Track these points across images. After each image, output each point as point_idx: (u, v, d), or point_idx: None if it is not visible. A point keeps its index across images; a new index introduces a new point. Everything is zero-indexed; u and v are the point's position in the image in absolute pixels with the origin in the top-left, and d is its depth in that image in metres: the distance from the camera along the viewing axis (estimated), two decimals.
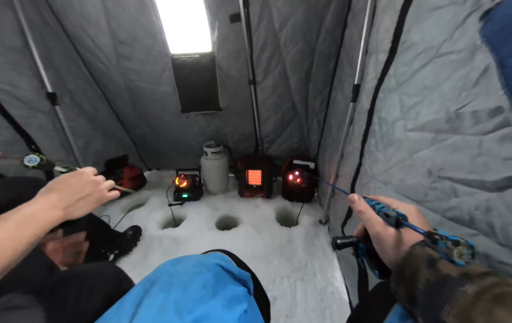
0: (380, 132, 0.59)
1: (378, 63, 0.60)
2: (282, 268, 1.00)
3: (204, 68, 1.25)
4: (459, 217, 0.35)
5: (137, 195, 1.63)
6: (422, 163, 0.43)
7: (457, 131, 0.35)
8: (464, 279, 0.20)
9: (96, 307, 0.42)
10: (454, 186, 0.35)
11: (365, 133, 0.69)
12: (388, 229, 0.30)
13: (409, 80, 0.47)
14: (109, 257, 1.08)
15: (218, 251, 0.49)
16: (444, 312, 0.20)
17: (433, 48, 0.40)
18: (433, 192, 0.40)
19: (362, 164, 0.73)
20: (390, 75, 0.55)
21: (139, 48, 1.18)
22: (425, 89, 0.42)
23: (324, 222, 1.25)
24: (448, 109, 0.36)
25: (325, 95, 1.26)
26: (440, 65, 0.38)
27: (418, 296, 0.23)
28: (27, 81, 1.04)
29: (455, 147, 0.35)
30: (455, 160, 0.35)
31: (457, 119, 0.35)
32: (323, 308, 0.85)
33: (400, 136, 0.49)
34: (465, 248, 0.22)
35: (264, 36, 1.09)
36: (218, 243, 1.16)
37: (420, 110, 0.43)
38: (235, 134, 1.57)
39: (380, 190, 0.60)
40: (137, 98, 1.43)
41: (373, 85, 0.63)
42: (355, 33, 0.86)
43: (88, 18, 1.09)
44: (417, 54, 0.44)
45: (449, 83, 0.36)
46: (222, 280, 0.37)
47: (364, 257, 0.36)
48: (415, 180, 0.45)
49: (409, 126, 0.47)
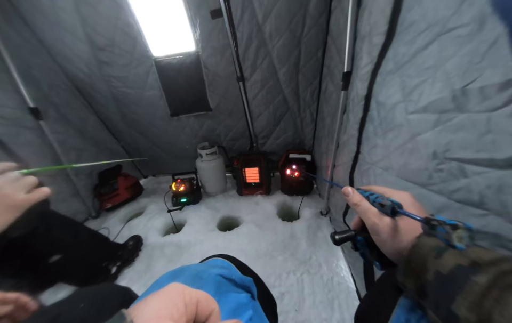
0: (379, 118, 0.58)
1: (373, 46, 0.58)
2: (288, 263, 1.00)
3: (189, 68, 1.21)
4: (467, 198, 0.34)
5: (135, 204, 1.60)
6: (425, 145, 0.42)
7: (463, 109, 0.33)
8: (476, 268, 0.19)
9: None
10: (462, 166, 0.34)
11: (361, 120, 0.68)
12: (383, 219, 0.29)
13: (410, 60, 0.45)
14: (111, 270, 1.06)
15: (219, 257, 0.47)
16: (456, 304, 0.19)
17: (438, 24, 0.38)
18: (438, 174, 0.39)
19: (360, 152, 0.72)
20: (389, 58, 0.53)
21: (119, 53, 1.14)
22: (429, 69, 0.40)
23: (325, 213, 1.25)
24: (453, 87, 0.35)
25: (316, 85, 1.24)
26: (445, 42, 0.37)
27: (428, 288, 0.22)
28: (8, 96, 1.00)
29: (461, 126, 0.34)
30: (461, 139, 0.34)
31: (463, 96, 0.33)
32: (331, 298, 0.85)
33: (401, 120, 0.48)
34: (464, 231, 0.21)
35: (248, 30, 1.06)
36: (221, 245, 1.15)
37: (423, 91, 0.42)
38: (228, 133, 1.54)
39: (380, 176, 0.59)
40: (124, 105, 1.39)
41: (368, 70, 0.61)
42: (341, 19, 0.83)
43: (63, 26, 1.04)
44: (419, 32, 0.42)
45: (455, 60, 0.35)
46: (224, 289, 0.36)
47: (364, 249, 0.36)
48: (418, 164, 0.44)
49: (410, 108, 0.45)
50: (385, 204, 0.29)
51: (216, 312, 0.20)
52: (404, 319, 0.27)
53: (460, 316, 0.19)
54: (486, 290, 0.18)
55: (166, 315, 0.16)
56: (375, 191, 0.33)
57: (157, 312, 0.16)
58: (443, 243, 0.23)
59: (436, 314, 0.21)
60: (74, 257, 0.93)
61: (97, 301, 0.44)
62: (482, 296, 0.18)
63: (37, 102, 1.09)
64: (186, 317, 0.17)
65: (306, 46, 1.10)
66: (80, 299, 0.43)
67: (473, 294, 0.18)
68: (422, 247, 0.24)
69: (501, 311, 0.17)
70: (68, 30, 1.05)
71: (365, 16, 0.64)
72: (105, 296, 0.46)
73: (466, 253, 0.21)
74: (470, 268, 0.20)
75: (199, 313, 0.19)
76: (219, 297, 0.34)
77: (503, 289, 0.17)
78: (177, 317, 0.16)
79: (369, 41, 0.60)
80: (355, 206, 0.34)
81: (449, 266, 0.21)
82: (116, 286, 0.54)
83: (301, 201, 1.37)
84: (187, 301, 0.18)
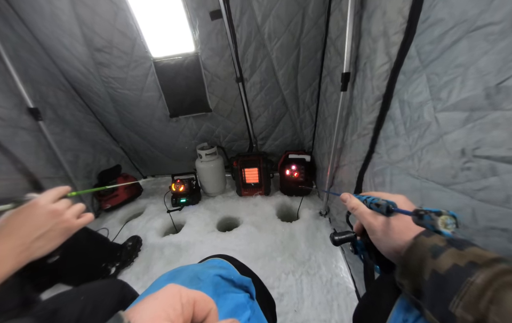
0: (402, 117, 0.57)
1: (391, 45, 0.58)
2: (287, 264, 1.00)
3: (188, 69, 1.21)
4: (492, 198, 0.34)
5: (134, 204, 1.60)
6: (452, 144, 0.41)
7: (498, 107, 0.33)
8: (473, 268, 0.20)
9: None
10: (493, 164, 0.34)
11: (378, 119, 0.68)
12: (378, 218, 0.31)
13: (438, 58, 0.45)
14: (110, 270, 1.06)
15: (217, 257, 0.48)
16: (452, 304, 0.19)
17: (466, 22, 0.38)
18: (464, 173, 0.39)
19: (375, 151, 0.71)
20: (412, 55, 0.53)
21: (118, 54, 1.13)
22: (459, 67, 0.40)
23: (324, 214, 1.26)
24: (486, 84, 0.35)
25: (315, 87, 1.24)
26: (476, 39, 0.37)
27: (425, 287, 0.23)
28: (5, 97, 0.99)
29: (494, 124, 0.34)
30: (493, 137, 0.34)
31: (498, 94, 0.33)
32: (330, 300, 0.85)
33: (428, 118, 0.48)
34: (448, 218, 0.22)
35: (247, 31, 1.06)
36: (221, 246, 1.15)
37: (452, 89, 0.41)
38: (228, 134, 1.54)
39: (397, 176, 0.59)
40: (122, 107, 1.39)
41: (387, 69, 0.61)
42: (341, 21, 0.83)
43: (60, 27, 1.03)
44: (446, 30, 0.42)
45: (488, 58, 0.35)
46: (222, 290, 0.36)
47: (363, 253, 0.37)
48: (443, 163, 0.44)
49: (439, 107, 0.45)
50: (381, 203, 0.30)
51: (213, 312, 0.20)
52: (401, 319, 0.28)
53: (456, 315, 0.19)
54: (482, 290, 0.18)
55: (163, 316, 0.16)
56: (372, 195, 0.35)
57: (153, 313, 0.16)
58: (442, 243, 0.23)
59: (433, 314, 0.21)
60: (73, 257, 0.93)
61: (94, 296, 0.44)
62: (478, 296, 0.18)
63: (35, 102, 1.08)
64: (183, 318, 0.18)
65: (305, 47, 1.10)
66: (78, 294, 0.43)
67: (469, 294, 0.18)
68: (419, 247, 0.25)
69: (496, 310, 0.17)
70: (65, 31, 1.05)
71: (376, 16, 0.64)
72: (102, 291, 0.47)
73: (463, 254, 0.21)
74: (467, 268, 0.20)
75: (196, 313, 0.19)
76: (217, 298, 0.35)
77: (498, 289, 0.17)
78: (174, 318, 0.17)
79: (386, 40, 0.60)
80: (353, 210, 0.35)
81: (445, 266, 0.21)
82: (112, 281, 0.54)
83: (300, 202, 1.38)
84: (184, 302, 0.18)
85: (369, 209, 0.33)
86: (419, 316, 0.27)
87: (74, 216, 0.41)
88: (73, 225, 0.40)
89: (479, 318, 0.17)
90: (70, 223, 0.39)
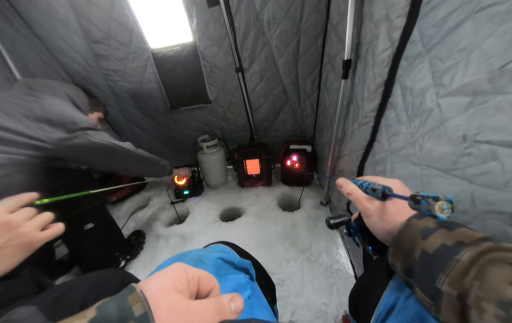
0: (404, 104, 0.56)
1: (393, 29, 0.56)
2: (288, 252, 1.03)
3: (187, 60, 1.19)
4: (491, 182, 0.34)
5: (139, 197, 1.63)
6: (454, 130, 0.41)
7: (501, 91, 0.33)
8: (459, 247, 0.20)
9: None
10: (493, 149, 0.34)
11: (380, 107, 0.66)
12: (374, 203, 0.31)
13: (441, 42, 0.44)
14: (121, 262, 1.10)
15: (220, 243, 0.49)
16: (439, 280, 0.20)
17: (471, 2, 0.37)
18: (464, 159, 0.39)
19: (376, 140, 0.71)
20: (415, 40, 0.51)
21: (116, 45, 1.12)
22: (463, 50, 0.39)
23: (325, 203, 1.27)
24: (490, 67, 0.34)
25: (316, 75, 1.22)
26: (480, 20, 0.35)
27: (415, 266, 0.24)
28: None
29: (496, 108, 0.33)
30: (495, 122, 0.34)
31: (501, 77, 0.32)
32: (330, 284, 0.88)
33: (430, 105, 0.47)
34: (445, 203, 0.22)
35: (245, 18, 1.03)
36: (223, 235, 1.18)
37: (455, 73, 0.40)
38: (229, 126, 1.54)
39: (398, 164, 0.59)
40: (123, 99, 1.38)
41: (389, 54, 0.59)
42: (342, 5, 0.80)
43: (56, 18, 1.02)
44: (450, 11, 0.41)
45: (493, 39, 0.34)
46: (224, 272, 0.38)
47: (357, 235, 0.38)
48: (444, 149, 0.44)
49: (441, 92, 0.44)
50: (377, 188, 0.31)
51: (216, 288, 0.22)
52: (393, 298, 0.29)
53: (442, 291, 0.20)
54: (467, 267, 0.19)
55: (171, 288, 0.18)
56: (368, 180, 0.35)
57: (162, 285, 0.18)
58: (433, 224, 0.24)
59: (422, 291, 0.22)
60: (98, 238, 0.97)
61: (98, 285, 0.46)
62: (464, 272, 0.19)
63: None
64: (189, 291, 0.20)
65: (306, 34, 1.07)
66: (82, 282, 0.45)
67: (455, 271, 0.19)
68: (411, 229, 0.25)
69: (479, 285, 0.18)
70: (62, 22, 1.03)
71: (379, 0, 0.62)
72: (105, 279, 0.48)
73: (452, 234, 0.22)
74: (454, 247, 0.21)
75: (201, 288, 0.21)
76: (219, 278, 0.37)
77: (483, 265, 0.18)
78: (181, 290, 0.19)
79: (388, 24, 0.58)
80: (348, 195, 0.35)
81: (434, 246, 0.22)
82: (116, 270, 0.56)
83: (302, 192, 1.39)
84: (189, 277, 0.20)
85: (365, 194, 0.33)
86: (410, 295, 0.28)
87: (37, 228, 0.35)
88: (34, 239, 0.34)
89: (462, 292, 0.18)
90: (29, 236, 0.34)
